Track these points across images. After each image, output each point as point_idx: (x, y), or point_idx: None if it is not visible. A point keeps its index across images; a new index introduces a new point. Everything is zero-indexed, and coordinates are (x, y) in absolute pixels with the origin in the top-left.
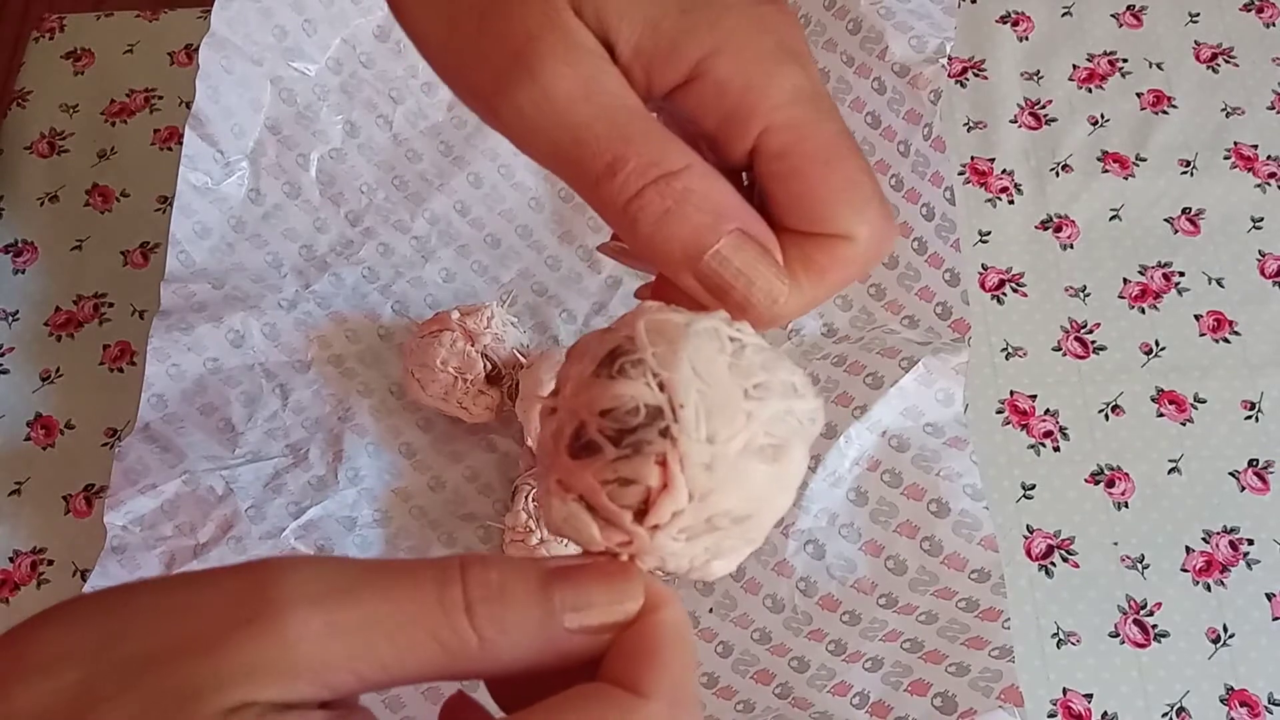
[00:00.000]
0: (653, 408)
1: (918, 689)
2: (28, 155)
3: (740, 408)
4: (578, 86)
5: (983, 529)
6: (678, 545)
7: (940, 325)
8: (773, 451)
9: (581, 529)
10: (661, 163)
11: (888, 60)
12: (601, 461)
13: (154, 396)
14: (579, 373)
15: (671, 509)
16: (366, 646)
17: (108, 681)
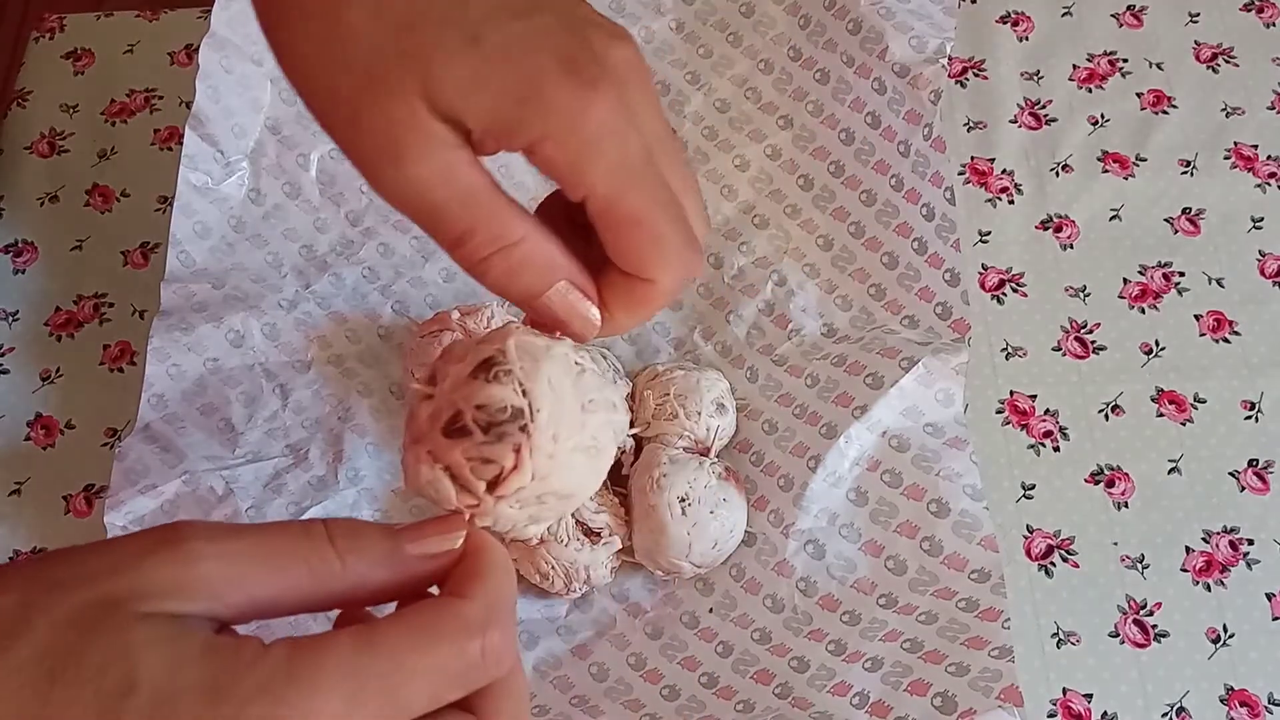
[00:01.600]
0: (516, 408)
1: (917, 689)
2: (28, 155)
3: (578, 417)
4: (435, 174)
5: (983, 529)
6: (511, 512)
7: (940, 325)
8: (595, 451)
9: (442, 491)
10: (502, 236)
11: (888, 60)
12: (470, 443)
13: (154, 396)
14: (458, 372)
15: (517, 485)
16: (250, 568)
17: (42, 597)
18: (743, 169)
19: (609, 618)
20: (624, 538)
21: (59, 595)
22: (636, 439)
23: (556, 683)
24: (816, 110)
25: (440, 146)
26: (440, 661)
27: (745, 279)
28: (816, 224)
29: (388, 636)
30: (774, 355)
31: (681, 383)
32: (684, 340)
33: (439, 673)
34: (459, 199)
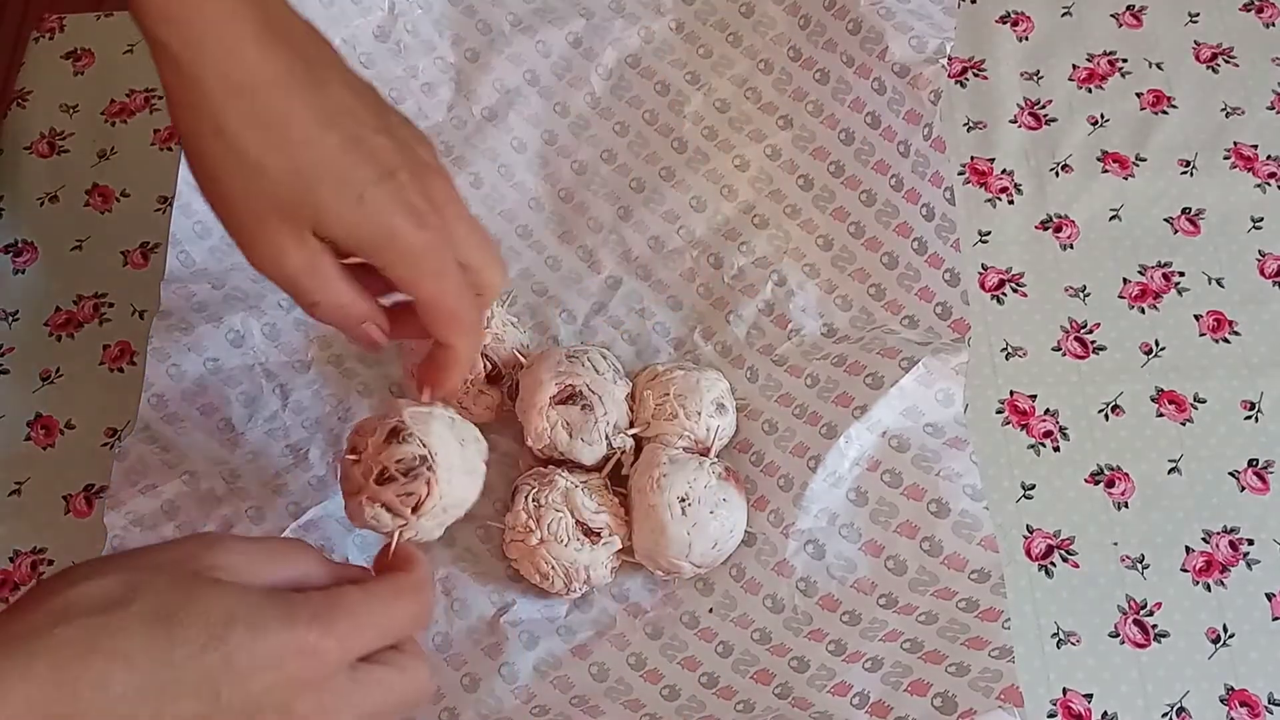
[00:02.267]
0: (422, 456)
1: (917, 689)
2: (28, 155)
3: (460, 452)
4: (305, 269)
5: (983, 529)
6: (427, 524)
7: (940, 325)
8: (475, 473)
9: (383, 521)
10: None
11: (888, 60)
12: (397, 485)
13: (154, 396)
14: (375, 440)
15: (432, 505)
16: (262, 561)
17: (140, 575)
18: (743, 169)
19: (609, 618)
20: (624, 538)
21: (154, 573)
22: (636, 439)
23: (556, 683)
24: (816, 110)
25: (313, 253)
26: (409, 607)
27: (745, 279)
28: (816, 224)
29: (376, 588)
30: (774, 355)
31: (681, 383)
32: (684, 340)
33: (408, 615)
34: (320, 283)
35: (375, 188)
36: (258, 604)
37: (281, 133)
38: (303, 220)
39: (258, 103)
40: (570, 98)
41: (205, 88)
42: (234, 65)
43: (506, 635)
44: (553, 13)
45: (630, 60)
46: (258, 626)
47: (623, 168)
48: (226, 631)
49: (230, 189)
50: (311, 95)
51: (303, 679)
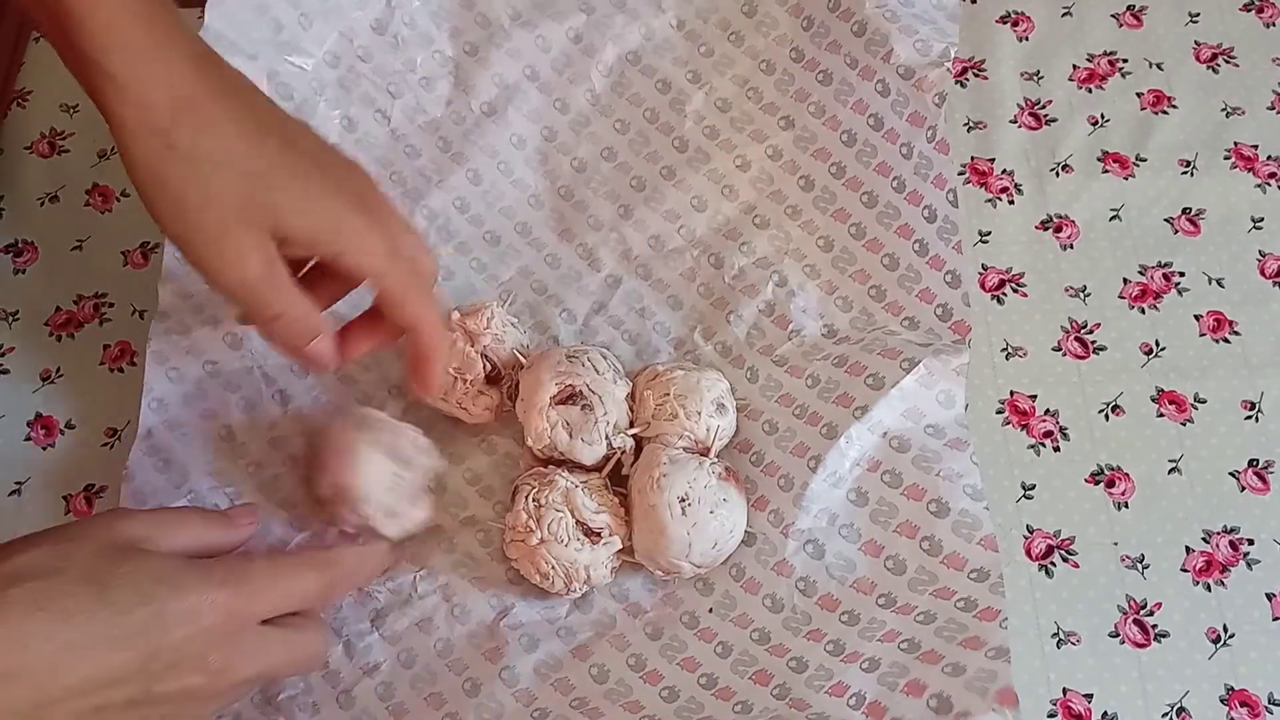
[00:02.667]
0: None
1: (913, 690)
2: (28, 155)
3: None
4: (264, 279)
5: (982, 529)
6: (388, 528)
7: (940, 327)
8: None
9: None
10: (300, 312)
11: (892, 63)
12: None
13: (154, 400)
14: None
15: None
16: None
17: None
18: (744, 169)
19: (609, 618)
20: (624, 538)
21: (80, 544)
22: (636, 439)
23: (557, 685)
24: (819, 111)
25: (271, 259)
26: (312, 577)
27: (745, 279)
28: (817, 225)
29: (282, 559)
30: (774, 355)
31: (681, 383)
32: (684, 340)
33: (314, 583)
34: (277, 288)
35: (315, 180)
36: (179, 568)
37: (231, 138)
38: (263, 221)
39: (203, 114)
40: (570, 94)
41: (153, 107)
42: (177, 82)
43: (507, 639)
44: (553, 7)
45: (631, 57)
46: (180, 586)
47: (623, 166)
48: (154, 589)
49: (189, 202)
50: (246, 105)
51: (216, 632)
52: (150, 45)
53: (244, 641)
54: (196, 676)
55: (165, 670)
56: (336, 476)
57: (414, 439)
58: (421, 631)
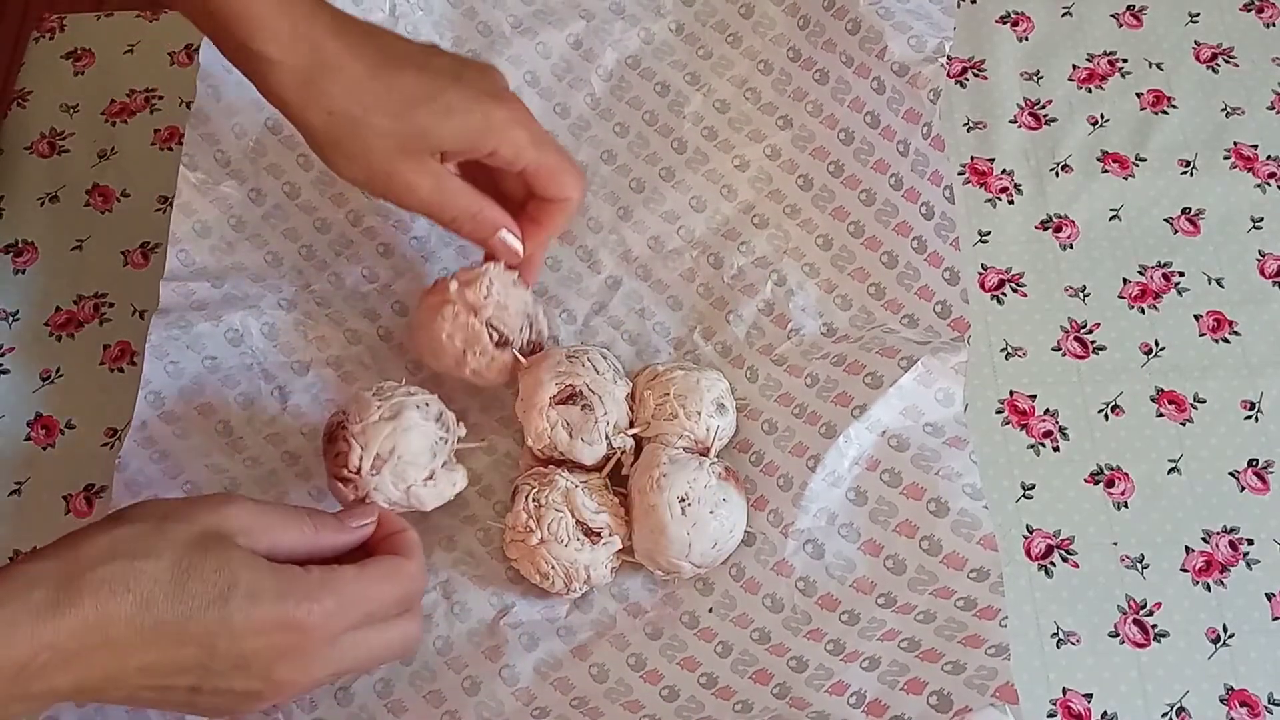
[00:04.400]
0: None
1: (913, 687)
2: (28, 155)
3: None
4: (435, 191)
5: (982, 528)
6: (427, 497)
7: (940, 324)
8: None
9: (340, 493)
10: (471, 211)
11: (887, 60)
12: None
13: (151, 394)
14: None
15: (355, 465)
16: (271, 527)
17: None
18: (742, 169)
19: (609, 618)
20: (624, 538)
21: (176, 525)
22: (636, 439)
23: (557, 684)
24: (816, 110)
25: (436, 175)
26: (396, 591)
27: (745, 279)
28: (816, 223)
29: (370, 571)
30: (774, 355)
31: (681, 383)
32: (684, 340)
33: (392, 597)
34: (448, 197)
35: (453, 93)
36: (259, 574)
37: (374, 92)
38: (419, 148)
39: (348, 76)
40: (570, 99)
41: (311, 80)
42: (326, 54)
43: (507, 638)
44: (553, 14)
45: (630, 61)
46: (255, 596)
47: (623, 168)
48: (228, 593)
49: (357, 152)
50: (379, 55)
51: (286, 649)
52: (299, 31)
53: (315, 655)
54: (257, 683)
55: (228, 670)
56: (378, 443)
57: (440, 404)
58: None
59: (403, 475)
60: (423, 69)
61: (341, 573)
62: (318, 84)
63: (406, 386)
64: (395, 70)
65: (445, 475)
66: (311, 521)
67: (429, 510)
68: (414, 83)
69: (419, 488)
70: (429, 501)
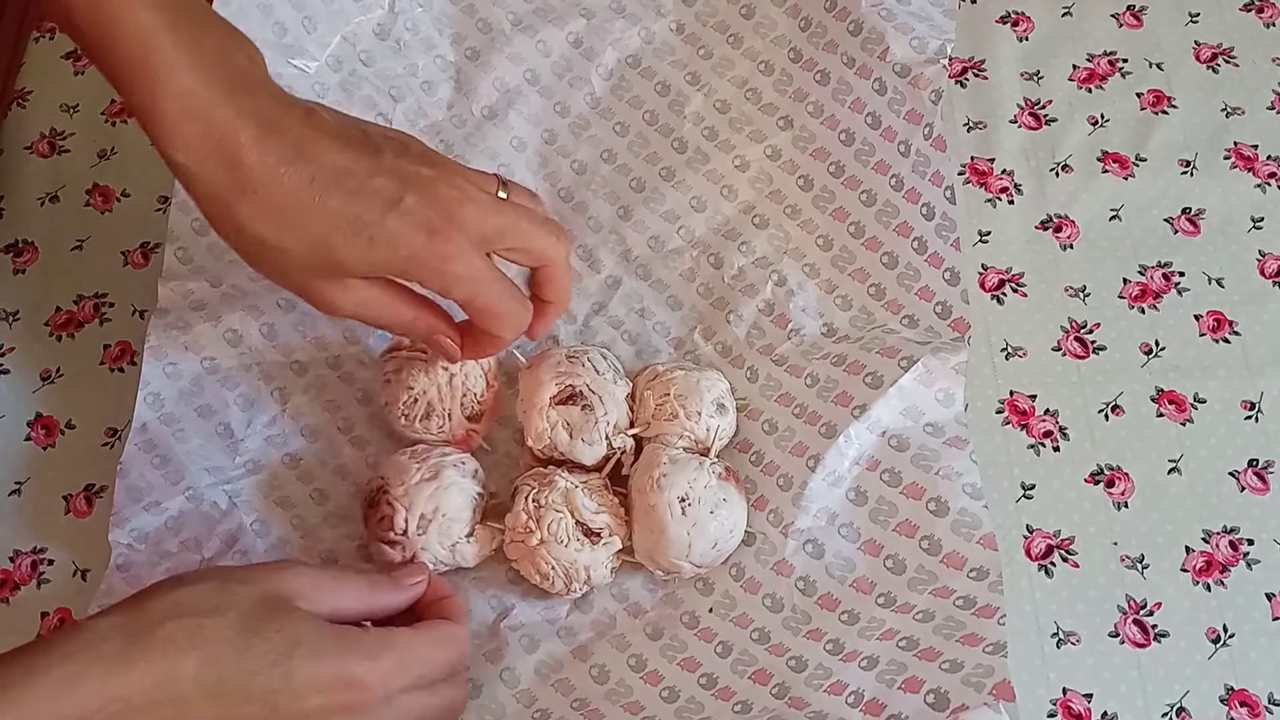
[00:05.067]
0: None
1: (911, 686)
2: (28, 155)
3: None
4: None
5: (982, 527)
6: (468, 555)
7: (940, 324)
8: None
9: (387, 554)
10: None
11: (888, 61)
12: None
13: (150, 395)
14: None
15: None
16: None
17: (231, 586)
18: (743, 169)
19: (609, 618)
20: (624, 538)
21: (240, 587)
22: (636, 439)
23: (557, 686)
24: (817, 111)
25: (356, 290)
26: (447, 655)
27: (745, 279)
28: (816, 224)
29: (425, 634)
30: (774, 355)
31: (681, 383)
32: (684, 340)
33: (444, 660)
34: (372, 311)
35: (380, 226)
36: (320, 634)
37: (288, 216)
38: (334, 276)
39: (262, 198)
40: (570, 97)
41: (222, 198)
42: (238, 173)
43: (507, 640)
44: (553, 12)
45: (631, 61)
46: (317, 654)
47: (623, 168)
48: (292, 651)
49: (270, 268)
50: (307, 173)
51: (346, 705)
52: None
53: (375, 712)
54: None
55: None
56: (422, 503)
57: (475, 462)
58: None
59: (447, 533)
60: (354, 194)
61: (399, 634)
62: (230, 204)
63: (440, 448)
64: (322, 193)
65: (483, 531)
66: (368, 582)
67: (471, 566)
68: (340, 210)
69: (463, 544)
70: (471, 558)
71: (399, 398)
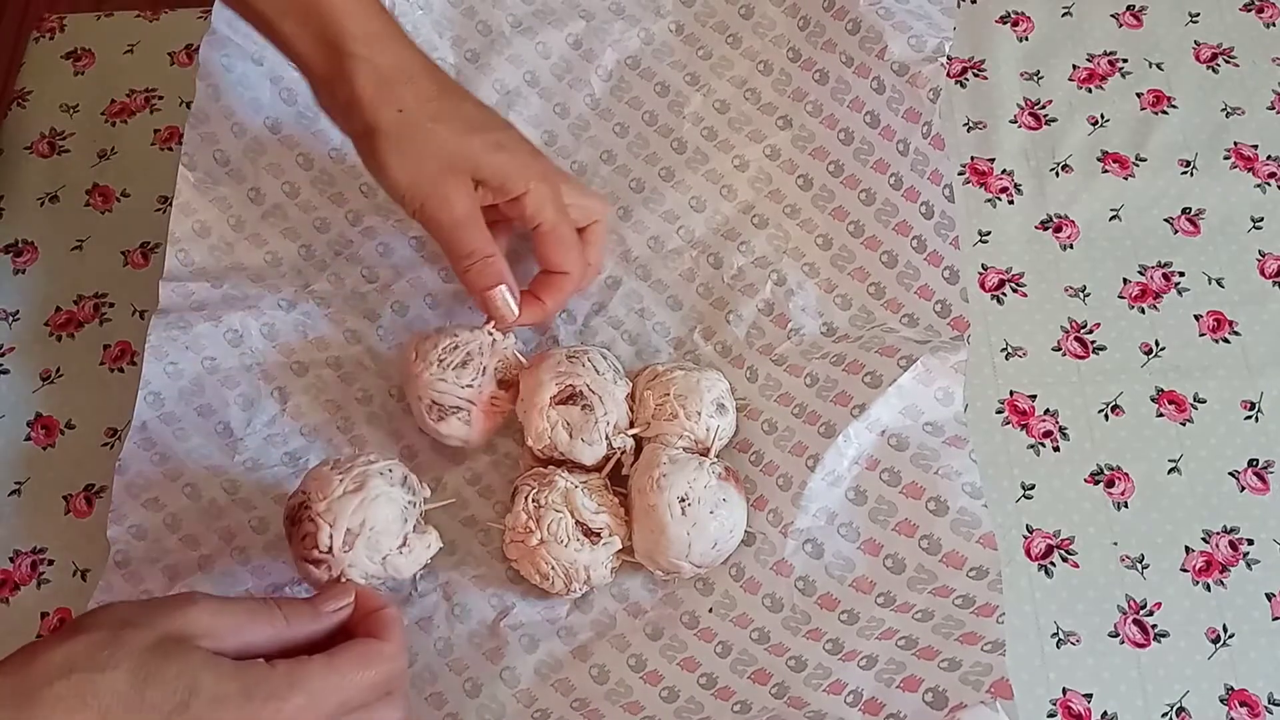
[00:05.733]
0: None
1: (909, 685)
2: (28, 155)
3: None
4: (467, 218)
5: (981, 527)
6: (404, 566)
7: (939, 323)
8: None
9: (313, 575)
10: (485, 253)
11: (887, 59)
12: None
13: (150, 394)
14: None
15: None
16: (238, 624)
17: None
18: (742, 169)
19: (609, 618)
20: (624, 538)
21: (134, 632)
22: (636, 439)
23: (558, 686)
24: (816, 110)
25: (473, 199)
26: (371, 677)
27: (745, 279)
28: (816, 223)
29: (341, 660)
30: (773, 355)
31: (681, 383)
32: (684, 340)
33: (368, 683)
34: (475, 226)
35: (503, 135)
36: (221, 677)
37: (441, 104)
38: (465, 168)
39: (422, 86)
40: (570, 99)
41: (390, 80)
42: (405, 62)
43: (507, 639)
44: (552, 14)
45: (630, 62)
46: (218, 699)
47: (622, 168)
48: (190, 699)
49: (411, 155)
50: (447, 80)
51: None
52: (388, 38)
53: None
54: None
55: None
56: (346, 517)
57: (403, 468)
58: (421, 630)
59: (377, 547)
60: (481, 106)
61: (309, 665)
62: (395, 86)
63: (365, 454)
64: (460, 96)
65: (418, 540)
66: (283, 613)
67: (406, 578)
68: (474, 112)
69: (395, 556)
70: (405, 570)
71: (439, 343)
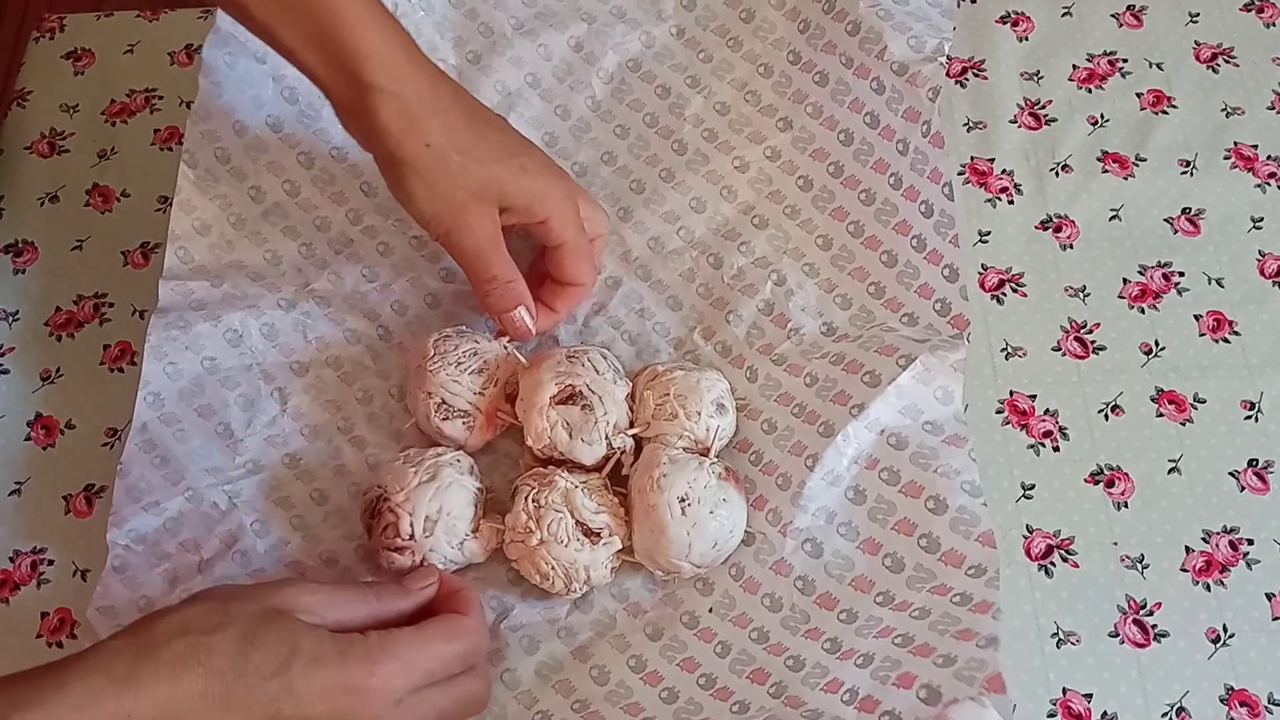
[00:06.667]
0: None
1: (904, 682)
2: (28, 155)
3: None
4: (490, 242)
5: (980, 525)
6: (476, 551)
7: (939, 322)
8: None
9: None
10: (508, 278)
11: (886, 59)
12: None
13: (150, 394)
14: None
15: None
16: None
17: (232, 604)
18: (742, 170)
19: (609, 618)
20: (624, 538)
21: (242, 604)
22: (636, 439)
23: (558, 687)
24: (816, 112)
25: (497, 226)
26: (457, 649)
27: (745, 279)
28: (816, 224)
29: (429, 631)
30: (773, 355)
31: (681, 383)
32: (684, 340)
33: (454, 654)
34: (499, 253)
35: (528, 159)
36: (320, 642)
37: (467, 135)
38: (490, 196)
39: (449, 118)
40: (571, 100)
41: (416, 114)
42: (429, 93)
43: (507, 641)
44: (554, 17)
45: (631, 64)
46: (316, 660)
47: (623, 169)
48: (291, 660)
49: (439, 185)
50: (473, 108)
51: (349, 712)
52: (412, 68)
53: (382, 716)
54: None
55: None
56: (425, 505)
57: (469, 458)
58: None
59: (454, 531)
60: (505, 131)
61: (399, 634)
62: (422, 120)
63: (434, 449)
64: (485, 124)
65: (486, 526)
66: (374, 593)
67: (482, 562)
68: (499, 139)
69: (469, 541)
70: (480, 553)
71: (459, 345)
